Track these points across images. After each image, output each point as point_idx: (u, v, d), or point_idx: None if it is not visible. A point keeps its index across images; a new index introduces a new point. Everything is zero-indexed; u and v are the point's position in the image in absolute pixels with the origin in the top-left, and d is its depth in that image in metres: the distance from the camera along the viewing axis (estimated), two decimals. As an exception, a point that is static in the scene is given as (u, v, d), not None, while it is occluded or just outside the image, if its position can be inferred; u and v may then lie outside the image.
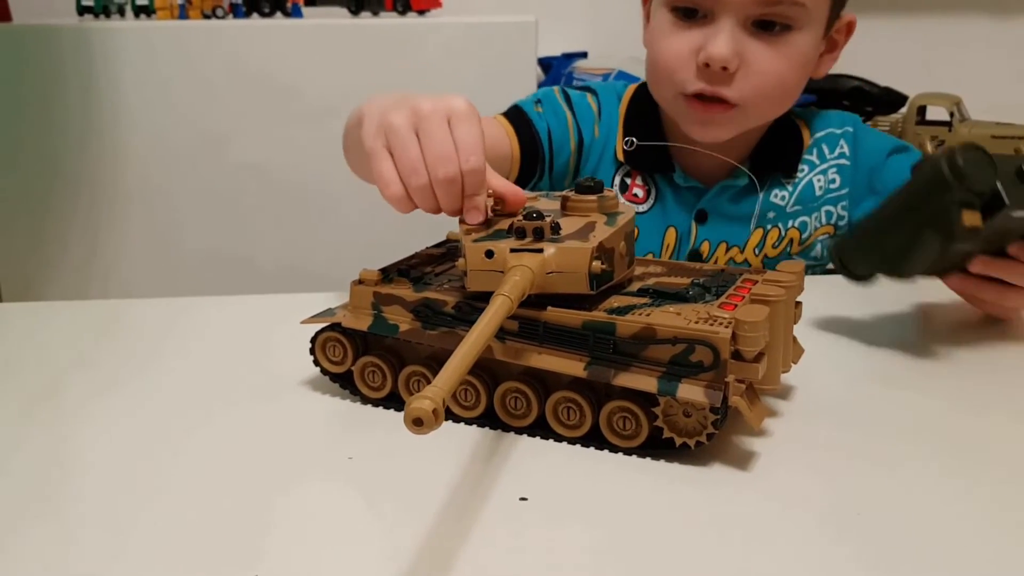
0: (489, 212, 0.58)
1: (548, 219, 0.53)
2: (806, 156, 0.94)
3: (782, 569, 0.42)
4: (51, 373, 0.68)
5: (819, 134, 0.95)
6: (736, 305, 0.52)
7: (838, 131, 0.96)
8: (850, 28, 0.91)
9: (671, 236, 0.94)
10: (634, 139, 0.66)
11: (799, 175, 0.94)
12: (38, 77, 1.53)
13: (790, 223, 0.94)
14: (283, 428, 0.58)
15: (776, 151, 0.94)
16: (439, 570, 0.42)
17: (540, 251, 0.52)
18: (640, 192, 0.94)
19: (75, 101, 1.54)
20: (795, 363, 0.59)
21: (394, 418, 0.59)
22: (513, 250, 0.52)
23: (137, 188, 1.59)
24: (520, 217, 0.53)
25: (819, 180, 0.94)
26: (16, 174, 1.57)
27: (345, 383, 0.62)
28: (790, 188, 0.93)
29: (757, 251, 0.93)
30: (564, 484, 0.50)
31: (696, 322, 0.50)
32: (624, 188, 0.95)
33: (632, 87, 0.99)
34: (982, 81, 1.55)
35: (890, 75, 1.44)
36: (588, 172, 0.95)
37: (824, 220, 0.94)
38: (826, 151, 0.95)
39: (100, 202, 1.59)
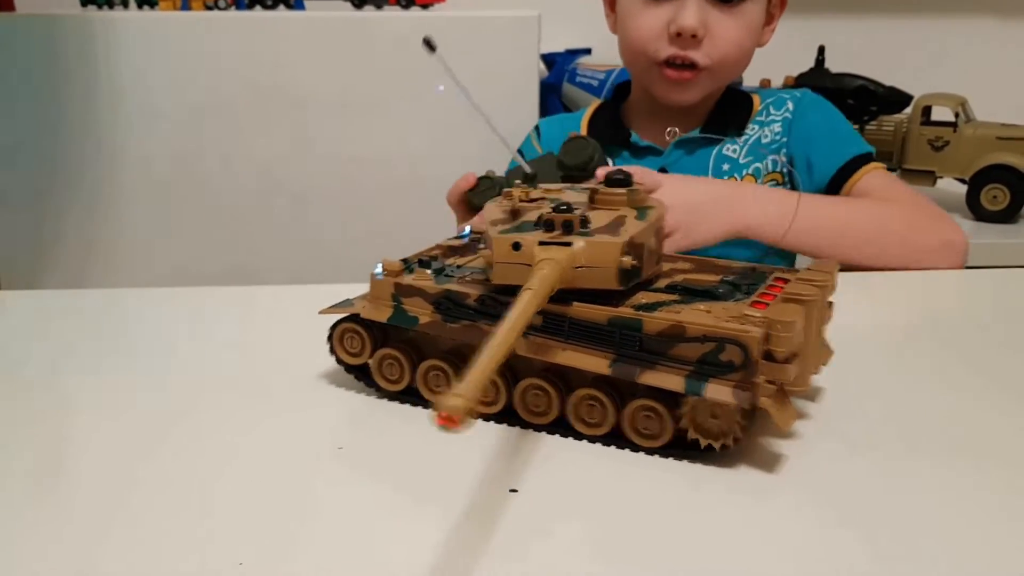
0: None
1: (577, 212, 0.52)
2: (756, 117, 1.08)
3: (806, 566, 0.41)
4: (48, 361, 0.67)
5: (769, 100, 1.09)
6: (768, 304, 0.51)
7: (786, 96, 1.09)
8: (783, 3, 1.09)
9: None
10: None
11: (748, 131, 1.07)
12: (41, 67, 1.52)
13: (744, 172, 1.06)
14: (292, 419, 0.57)
15: (729, 113, 1.08)
16: (448, 567, 0.41)
17: (569, 244, 0.51)
18: None
19: (77, 91, 1.52)
20: (825, 365, 0.58)
21: (410, 412, 0.58)
22: (541, 243, 0.51)
23: (138, 179, 1.57)
24: (549, 209, 0.52)
25: (766, 132, 1.07)
26: (18, 163, 1.56)
27: (361, 375, 0.61)
28: (740, 143, 1.06)
29: None
30: (580, 481, 0.49)
31: (727, 320, 0.49)
32: None
33: (592, 106, 1.18)
34: (988, 82, 1.54)
35: (895, 75, 1.43)
36: None
37: (771, 167, 1.06)
38: (772, 110, 1.09)
39: (101, 192, 1.57)
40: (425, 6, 1.66)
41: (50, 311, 0.80)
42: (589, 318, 0.51)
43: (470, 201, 0.92)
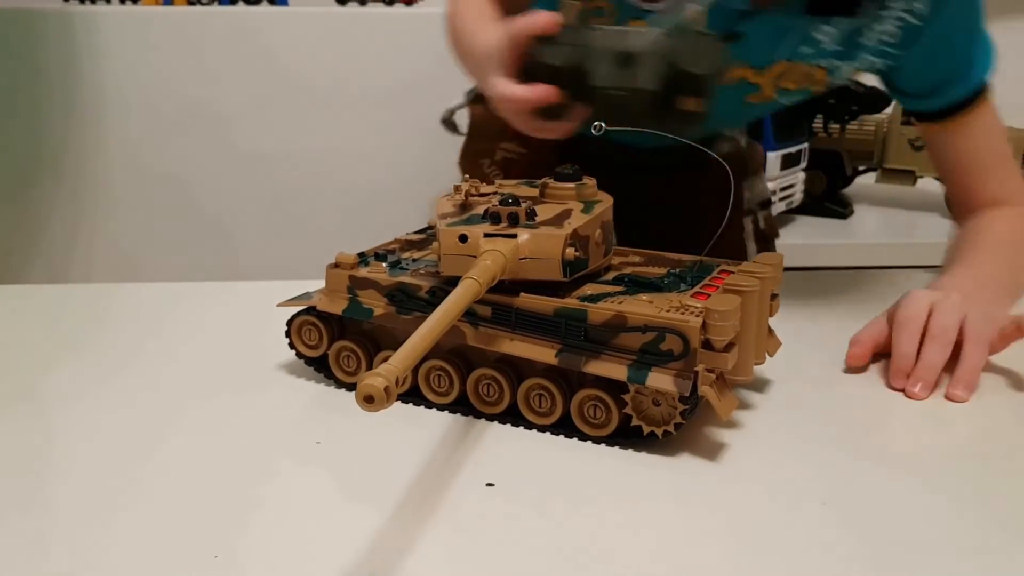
0: None
1: (524, 205, 0.53)
2: None
3: (743, 553, 0.42)
4: (32, 356, 0.68)
5: None
6: (709, 295, 0.52)
7: None
8: None
9: None
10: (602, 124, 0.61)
11: (857, 16, 0.78)
12: (21, 61, 1.52)
13: (822, 62, 0.81)
14: (257, 413, 0.58)
15: None
16: (407, 554, 0.42)
17: (514, 236, 0.52)
18: None
19: (58, 85, 1.53)
20: (771, 355, 0.59)
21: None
22: (487, 235, 0.52)
23: (119, 173, 1.58)
24: (495, 203, 0.53)
25: (875, 29, 0.79)
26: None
27: (320, 367, 0.62)
28: (839, 29, 0.78)
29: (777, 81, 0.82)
30: (532, 470, 0.50)
31: (667, 311, 0.50)
32: None
33: None
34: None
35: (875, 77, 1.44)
36: None
37: (857, 67, 0.82)
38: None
39: (83, 186, 1.57)
40: (409, 3, 1.66)
41: (29, 306, 0.81)
42: (536, 309, 0.52)
43: (534, 61, 0.60)
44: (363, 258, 0.60)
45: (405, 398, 0.58)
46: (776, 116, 1.22)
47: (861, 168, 1.48)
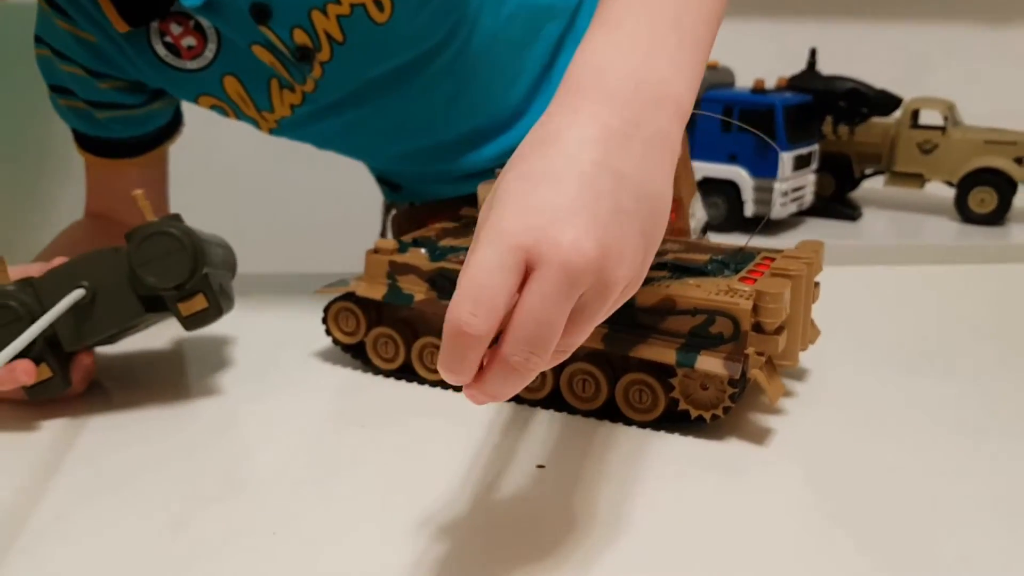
0: None
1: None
2: None
3: (786, 546, 0.42)
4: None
5: None
6: (756, 280, 0.52)
7: None
8: None
9: (233, 86, 0.70)
10: None
11: None
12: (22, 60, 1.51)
13: None
14: (293, 400, 0.57)
15: None
16: (452, 539, 0.42)
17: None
18: (193, 41, 0.67)
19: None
20: (812, 343, 0.59)
21: (405, 388, 0.59)
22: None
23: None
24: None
25: None
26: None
27: (357, 354, 0.61)
28: None
29: None
30: (578, 455, 0.50)
31: (717, 294, 0.50)
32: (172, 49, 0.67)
33: None
34: (976, 88, 1.56)
35: (882, 80, 1.45)
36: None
37: None
38: None
39: (60, 179, 1.57)
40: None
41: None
42: (582, 293, 0.52)
43: None
44: (402, 244, 0.60)
45: (446, 384, 0.58)
46: (788, 117, 1.23)
47: (869, 171, 1.49)
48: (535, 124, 0.38)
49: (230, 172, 1.59)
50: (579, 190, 0.34)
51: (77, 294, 0.52)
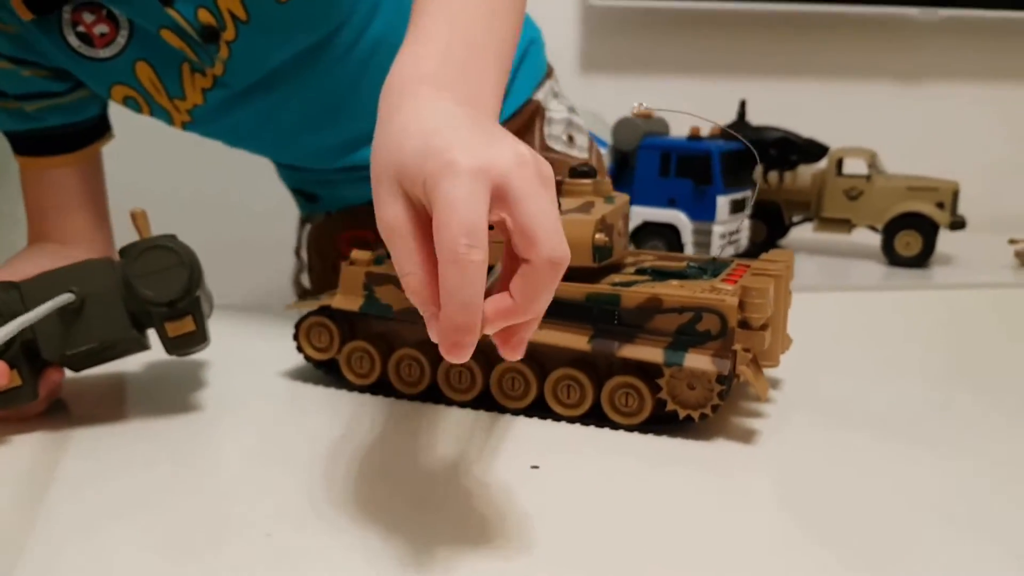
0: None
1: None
2: None
3: (776, 545, 0.42)
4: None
5: None
6: (736, 281, 0.53)
7: None
8: None
9: (145, 72, 0.70)
10: None
11: None
12: None
13: None
14: (274, 417, 0.56)
15: None
16: (446, 540, 0.41)
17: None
18: (106, 28, 0.67)
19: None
20: (785, 352, 0.59)
21: (383, 403, 0.57)
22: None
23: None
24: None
25: None
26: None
27: (329, 370, 0.60)
28: None
29: None
30: (566, 460, 0.49)
31: (702, 292, 0.50)
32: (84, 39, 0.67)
33: None
34: (893, 139, 1.65)
35: (808, 132, 1.52)
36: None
37: None
38: None
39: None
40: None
41: None
42: (566, 295, 0.52)
43: None
44: (377, 256, 0.59)
45: (424, 397, 0.57)
46: (724, 162, 1.27)
47: (798, 219, 1.54)
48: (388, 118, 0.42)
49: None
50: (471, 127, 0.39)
51: (65, 298, 0.50)
